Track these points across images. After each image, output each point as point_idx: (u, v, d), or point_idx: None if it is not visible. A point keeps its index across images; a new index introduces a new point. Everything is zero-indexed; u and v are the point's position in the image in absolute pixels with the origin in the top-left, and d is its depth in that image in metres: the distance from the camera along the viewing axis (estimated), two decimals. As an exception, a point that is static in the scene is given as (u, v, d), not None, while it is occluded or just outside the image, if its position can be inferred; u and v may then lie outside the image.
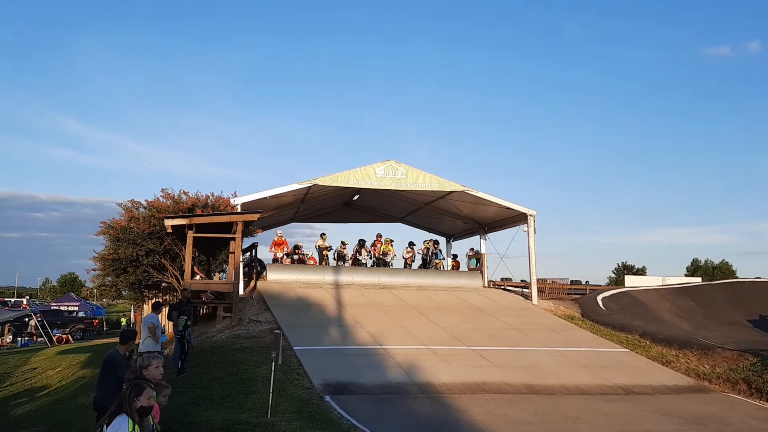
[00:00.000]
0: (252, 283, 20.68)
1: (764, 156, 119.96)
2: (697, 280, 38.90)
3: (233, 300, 17.35)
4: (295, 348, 13.96)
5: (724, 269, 64.11)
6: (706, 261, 68.44)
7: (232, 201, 19.40)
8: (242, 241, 18.40)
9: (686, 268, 67.90)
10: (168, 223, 16.64)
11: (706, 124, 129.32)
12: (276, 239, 23.71)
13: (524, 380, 13.02)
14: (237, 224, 17.47)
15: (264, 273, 21.59)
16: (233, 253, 17.93)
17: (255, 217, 17.97)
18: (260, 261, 22.53)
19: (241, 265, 19.41)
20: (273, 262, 23.11)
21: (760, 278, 29.11)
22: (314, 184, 20.77)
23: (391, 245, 24.85)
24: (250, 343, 14.71)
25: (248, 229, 19.38)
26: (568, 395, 12.46)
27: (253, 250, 22.31)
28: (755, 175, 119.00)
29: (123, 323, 45.45)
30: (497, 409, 11.17)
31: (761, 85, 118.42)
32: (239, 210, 19.02)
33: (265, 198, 20.26)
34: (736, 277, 43.07)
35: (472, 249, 26.86)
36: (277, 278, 21.15)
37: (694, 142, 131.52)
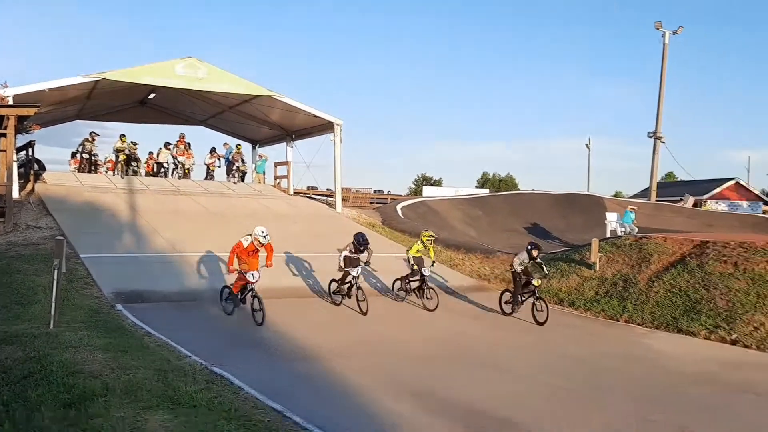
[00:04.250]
0: (29, 186, 18.52)
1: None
2: (485, 191, 42.39)
3: (7, 204, 15.48)
4: (81, 256, 12.91)
5: (509, 182, 70.38)
6: (494, 174, 74.39)
7: (1, 92, 16.91)
8: (16, 139, 16.37)
9: (477, 181, 73.52)
10: None
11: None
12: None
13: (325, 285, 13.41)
14: (8, 119, 15.55)
15: (42, 174, 19.41)
16: (4, 151, 15.90)
17: (31, 111, 16.01)
18: (39, 161, 20.22)
19: (15, 165, 17.24)
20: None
21: (534, 190, 32.51)
22: (103, 78, 18.73)
23: (190, 149, 23.59)
24: (28, 250, 13.33)
25: (23, 125, 17.20)
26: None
27: (30, 149, 19.86)
28: (532, 98, 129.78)
29: None
30: (297, 311, 11.48)
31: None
32: (11, 102, 16.69)
33: (44, 90, 17.87)
34: (518, 189, 47.27)
35: (261, 156, 27.33)
36: (60, 182, 19.15)
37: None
